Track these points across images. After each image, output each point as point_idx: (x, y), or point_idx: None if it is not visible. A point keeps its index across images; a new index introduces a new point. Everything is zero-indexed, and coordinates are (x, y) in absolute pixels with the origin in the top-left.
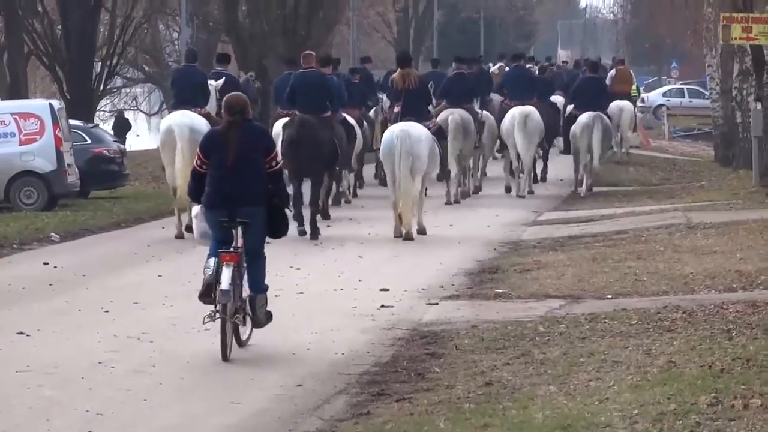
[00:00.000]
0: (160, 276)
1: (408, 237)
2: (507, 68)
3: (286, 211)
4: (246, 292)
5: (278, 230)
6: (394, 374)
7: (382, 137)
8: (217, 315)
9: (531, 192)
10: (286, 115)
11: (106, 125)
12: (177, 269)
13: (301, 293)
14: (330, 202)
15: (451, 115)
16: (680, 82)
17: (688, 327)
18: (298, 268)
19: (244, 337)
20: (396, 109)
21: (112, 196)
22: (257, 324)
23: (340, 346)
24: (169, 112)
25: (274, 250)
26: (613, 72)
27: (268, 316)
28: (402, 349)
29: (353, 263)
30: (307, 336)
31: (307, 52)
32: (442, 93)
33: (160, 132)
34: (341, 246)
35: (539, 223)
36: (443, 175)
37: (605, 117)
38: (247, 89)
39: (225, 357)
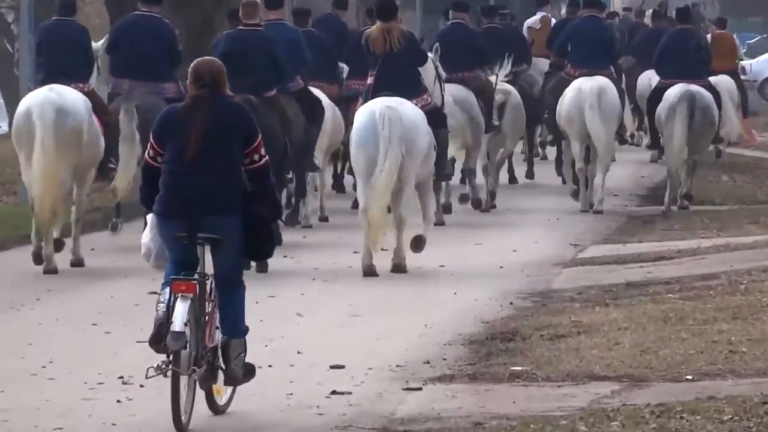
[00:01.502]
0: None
1: (399, 268)
2: (554, 19)
3: (277, 222)
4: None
5: (260, 250)
6: None
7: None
8: (169, 367)
9: (592, 205)
10: None
11: None
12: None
13: None
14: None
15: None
16: None
17: None
18: None
19: (221, 401)
20: (369, 80)
21: None
22: (230, 380)
23: None
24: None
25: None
26: (707, 38)
27: (248, 371)
28: None
29: (289, 325)
30: None
31: (248, 0)
32: None
33: (15, 117)
34: (272, 297)
35: (580, 262)
36: (439, 180)
37: (705, 91)
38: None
39: (179, 426)
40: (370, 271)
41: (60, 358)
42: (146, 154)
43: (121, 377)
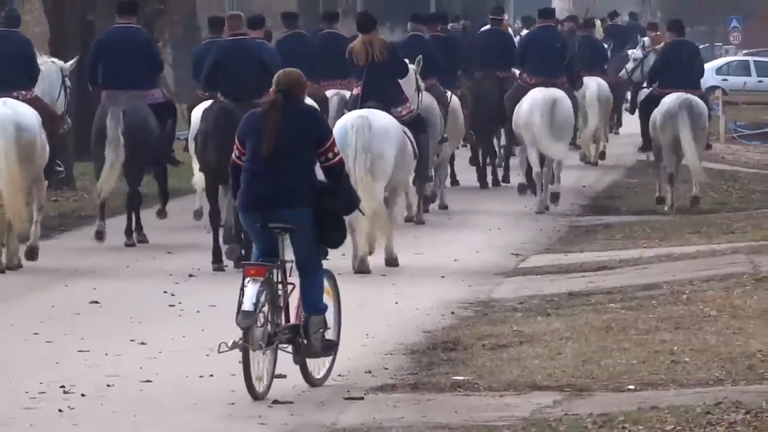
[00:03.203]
0: None
1: (392, 262)
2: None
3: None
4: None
5: (331, 239)
6: None
7: None
8: (240, 342)
9: (547, 207)
10: (209, 98)
11: None
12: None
13: (148, 381)
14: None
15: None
16: (743, 52)
17: None
18: (142, 343)
19: (318, 373)
20: (356, 90)
21: None
22: (310, 353)
23: None
24: None
25: (105, 317)
26: (646, 40)
27: (327, 346)
28: None
29: (230, 334)
30: None
31: (234, 12)
32: None
33: None
34: (213, 307)
35: (522, 272)
36: (422, 182)
37: (699, 99)
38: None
39: (254, 395)
40: (365, 269)
41: (1, 368)
42: (233, 154)
43: (63, 386)
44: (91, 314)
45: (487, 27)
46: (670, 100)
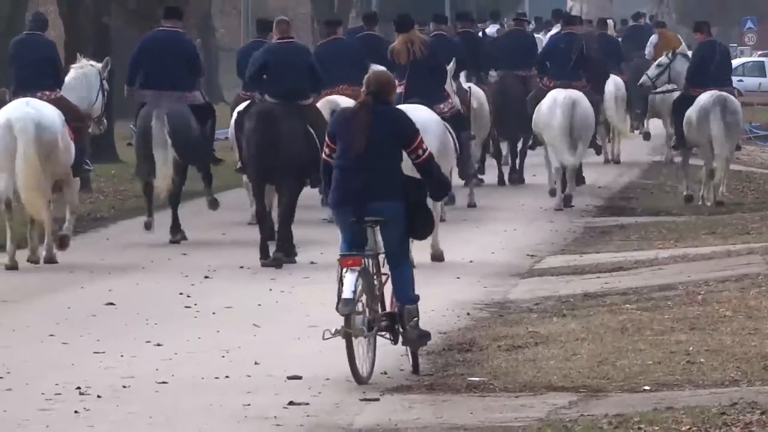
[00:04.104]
0: None
1: (437, 257)
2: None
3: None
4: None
5: (419, 231)
6: None
7: None
8: (342, 330)
9: (567, 204)
10: (250, 98)
11: None
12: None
13: (164, 383)
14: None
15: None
16: (759, 53)
17: None
18: (158, 344)
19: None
20: (399, 89)
21: None
22: (408, 342)
23: None
24: (10, 100)
25: (120, 318)
26: (654, 38)
27: (422, 335)
28: None
29: (246, 335)
30: None
31: (281, 18)
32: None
33: None
34: (229, 308)
35: (537, 273)
36: (465, 175)
37: (733, 97)
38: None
39: (359, 379)
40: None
41: (17, 369)
42: (323, 153)
43: (79, 388)
44: (106, 315)
45: (512, 27)
46: (704, 98)
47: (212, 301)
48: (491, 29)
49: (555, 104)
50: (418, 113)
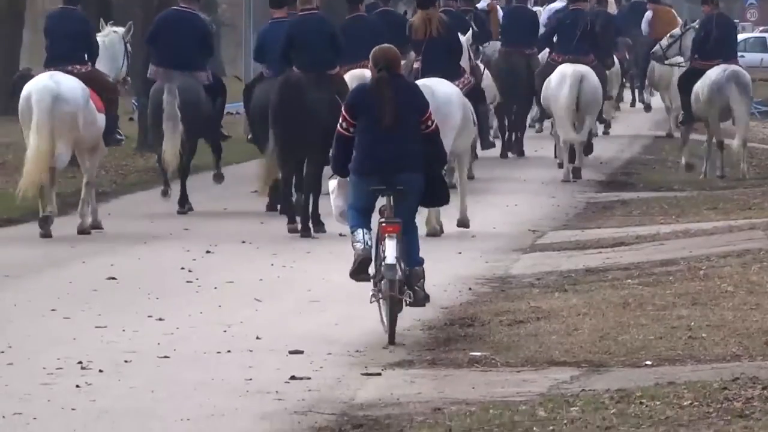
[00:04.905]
0: None
1: (463, 223)
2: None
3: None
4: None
5: (436, 197)
6: None
7: None
8: (380, 294)
9: (576, 176)
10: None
11: None
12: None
13: (165, 358)
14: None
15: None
16: (760, 29)
17: None
18: (160, 319)
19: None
20: (416, 64)
21: None
22: (417, 302)
23: None
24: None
25: (122, 293)
26: (648, 14)
27: (426, 295)
28: None
29: (247, 310)
30: (172, 426)
31: None
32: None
33: (20, 100)
34: (230, 283)
35: (539, 248)
36: (485, 147)
37: (743, 70)
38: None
39: (393, 340)
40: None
41: (18, 344)
42: (339, 126)
43: (80, 362)
44: (108, 290)
45: (513, 4)
46: (715, 72)
47: (214, 276)
48: (482, 4)
49: (564, 79)
50: (443, 87)
